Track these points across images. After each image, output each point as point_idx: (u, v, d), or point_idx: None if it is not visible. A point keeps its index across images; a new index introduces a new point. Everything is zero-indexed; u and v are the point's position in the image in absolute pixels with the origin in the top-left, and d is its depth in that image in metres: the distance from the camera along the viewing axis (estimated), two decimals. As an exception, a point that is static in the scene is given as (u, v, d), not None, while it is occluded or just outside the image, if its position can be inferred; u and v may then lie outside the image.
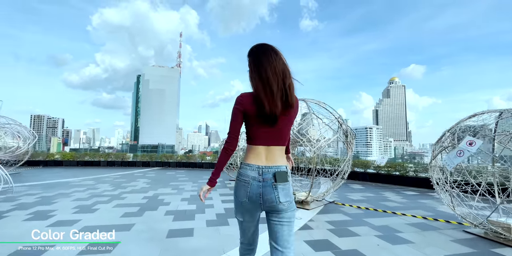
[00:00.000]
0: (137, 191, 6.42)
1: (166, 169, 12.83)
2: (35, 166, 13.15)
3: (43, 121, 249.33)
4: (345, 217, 4.36)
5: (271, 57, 1.35)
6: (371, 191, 7.02)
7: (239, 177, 1.41)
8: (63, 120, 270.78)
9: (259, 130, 1.36)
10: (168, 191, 6.51)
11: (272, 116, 1.30)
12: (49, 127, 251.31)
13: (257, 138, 1.37)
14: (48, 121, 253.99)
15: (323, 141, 4.39)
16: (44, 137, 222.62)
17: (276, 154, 1.39)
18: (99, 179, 8.55)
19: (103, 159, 14.14)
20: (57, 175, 9.75)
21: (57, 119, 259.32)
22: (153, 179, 8.93)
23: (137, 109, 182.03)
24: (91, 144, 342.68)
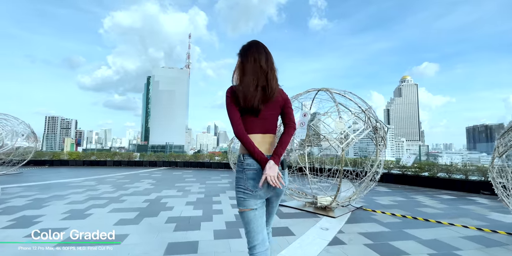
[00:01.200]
0: (139, 193, 5.83)
1: (173, 169, 12.29)
2: (41, 165, 12.87)
3: (57, 122, 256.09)
4: (381, 227, 3.60)
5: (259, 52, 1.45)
6: (400, 195, 6.20)
7: (247, 167, 1.39)
8: (76, 121, 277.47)
9: (248, 120, 1.42)
10: (173, 193, 5.89)
11: (253, 107, 1.37)
12: (63, 128, 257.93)
13: (249, 128, 1.42)
14: (62, 122, 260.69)
15: (352, 136, 3.65)
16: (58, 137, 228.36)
17: (273, 142, 1.48)
18: (101, 180, 8.04)
19: (109, 159, 13.75)
20: (60, 175, 9.33)
21: (71, 120, 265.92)
22: (158, 179, 8.36)
23: (147, 110, 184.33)
24: (103, 144, 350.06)
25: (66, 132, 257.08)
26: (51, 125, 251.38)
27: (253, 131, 1.42)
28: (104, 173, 10.11)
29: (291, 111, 1.56)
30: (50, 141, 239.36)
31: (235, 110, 1.40)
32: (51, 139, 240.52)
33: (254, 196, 1.38)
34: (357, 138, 3.68)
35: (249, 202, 1.39)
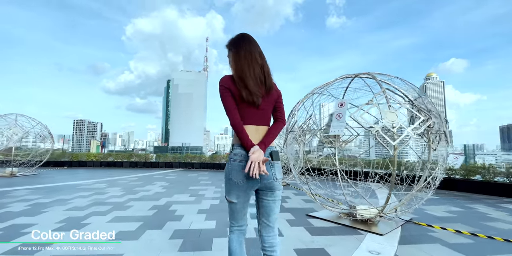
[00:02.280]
0: (147, 198, 5.24)
1: (189, 171, 11.79)
2: (60, 166, 12.88)
3: (84, 125, 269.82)
4: (451, 251, 2.69)
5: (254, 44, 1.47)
6: (452, 203, 5.15)
7: (233, 157, 1.41)
8: (102, 124, 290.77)
9: (245, 110, 1.42)
10: (185, 199, 5.25)
11: (255, 97, 1.39)
12: (89, 130, 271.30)
13: (246, 118, 1.42)
14: (89, 125, 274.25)
15: (409, 130, 2.78)
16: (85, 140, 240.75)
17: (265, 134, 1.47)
18: (113, 182, 7.61)
19: (126, 160, 13.53)
20: (74, 176, 9.06)
21: (96, 123, 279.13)
22: (172, 182, 7.80)
23: (167, 113, 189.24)
24: (126, 146, 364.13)
25: (92, 134, 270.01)
26: (78, 128, 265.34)
27: (249, 122, 1.42)
28: (118, 174, 9.77)
29: (283, 106, 1.58)
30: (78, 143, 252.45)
31: (232, 100, 1.40)
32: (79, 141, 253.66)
33: (237, 186, 1.40)
34: (415, 133, 2.80)
35: (231, 193, 1.43)
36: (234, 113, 1.38)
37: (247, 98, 1.37)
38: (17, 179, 8.14)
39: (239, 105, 1.41)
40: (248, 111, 1.41)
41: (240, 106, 1.41)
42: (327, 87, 4.04)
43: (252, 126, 1.42)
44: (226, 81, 1.42)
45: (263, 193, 1.45)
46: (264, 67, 1.45)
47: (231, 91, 1.39)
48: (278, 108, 1.55)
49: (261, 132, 1.44)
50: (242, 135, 1.36)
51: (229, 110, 1.39)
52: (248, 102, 1.39)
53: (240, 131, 1.36)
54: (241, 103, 1.40)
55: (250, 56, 1.42)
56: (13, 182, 7.33)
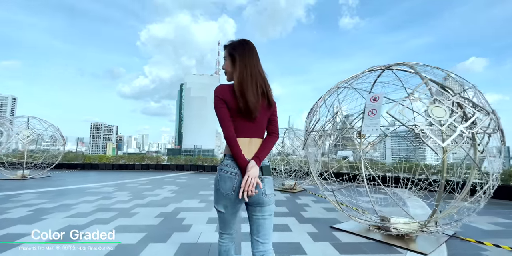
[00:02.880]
0: (155, 204, 4.89)
1: (200, 174, 11.48)
2: (73, 169, 12.90)
3: (101, 128, 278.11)
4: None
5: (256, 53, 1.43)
6: (498, 214, 4.50)
7: (223, 168, 1.37)
8: (117, 127, 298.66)
9: (240, 123, 1.36)
10: (194, 205, 4.87)
11: (253, 110, 1.33)
12: (105, 133, 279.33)
13: (240, 131, 1.37)
14: (105, 128, 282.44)
15: (461, 128, 2.26)
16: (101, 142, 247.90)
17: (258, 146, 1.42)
18: (122, 186, 7.36)
19: (138, 163, 13.41)
20: (84, 179, 8.91)
21: (112, 126, 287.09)
22: (182, 186, 7.46)
23: (180, 116, 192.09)
24: (141, 148, 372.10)
25: (108, 137, 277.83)
26: (95, 131, 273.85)
27: (243, 135, 1.37)
28: (129, 177, 9.56)
29: (277, 118, 1.52)
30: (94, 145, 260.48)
31: (226, 111, 1.34)
32: (95, 143, 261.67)
33: (225, 198, 1.36)
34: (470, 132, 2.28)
35: (219, 203, 1.39)
36: (228, 125, 1.33)
37: (245, 111, 1.32)
38: (28, 181, 8.05)
39: (234, 117, 1.35)
40: (243, 124, 1.37)
41: (234, 118, 1.35)
42: (353, 81, 3.55)
43: (245, 138, 1.38)
44: (221, 91, 1.35)
45: (252, 209, 1.40)
46: (265, 79, 1.41)
47: (226, 102, 1.33)
48: (272, 121, 1.49)
49: (254, 145, 1.40)
50: (235, 150, 1.32)
51: (223, 122, 1.33)
52: (244, 115, 1.34)
53: (233, 145, 1.32)
54: (236, 115, 1.35)
55: (254, 67, 1.37)
56: (23, 185, 7.21)
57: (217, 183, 1.37)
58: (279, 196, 5.88)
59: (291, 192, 6.42)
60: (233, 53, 1.39)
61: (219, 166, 1.40)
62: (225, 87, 1.36)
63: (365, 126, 2.65)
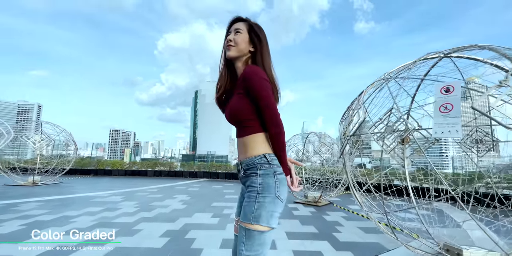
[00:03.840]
0: (162, 218, 4.30)
1: (214, 181, 10.90)
2: (86, 175, 12.71)
3: (119, 135, 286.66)
4: None
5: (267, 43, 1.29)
6: None
7: (279, 170, 1.09)
8: (135, 133, 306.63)
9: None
10: (206, 220, 4.24)
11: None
12: (123, 139, 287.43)
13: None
14: (123, 135, 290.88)
15: None
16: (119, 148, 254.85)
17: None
18: (130, 194, 6.87)
19: (150, 169, 13.04)
20: (94, 186, 8.55)
21: (130, 132, 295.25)
22: (194, 195, 6.87)
23: (195, 122, 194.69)
24: (157, 154, 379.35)
25: (126, 143, 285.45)
26: (113, 137, 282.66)
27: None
28: (140, 184, 9.12)
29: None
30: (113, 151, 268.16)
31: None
32: (113, 149, 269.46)
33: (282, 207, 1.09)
34: None
35: (276, 217, 1.06)
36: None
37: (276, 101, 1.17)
38: (37, 188, 7.76)
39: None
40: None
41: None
42: (402, 72, 2.84)
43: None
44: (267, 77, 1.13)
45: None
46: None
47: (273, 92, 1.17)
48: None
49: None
50: (283, 146, 1.10)
51: (277, 112, 1.09)
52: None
53: (284, 140, 1.10)
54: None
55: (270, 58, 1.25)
56: (30, 193, 6.88)
57: (277, 189, 1.05)
58: (303, 211, 5.14)
59: (316, 205, 5.65)
60: (260, 35, 1.21)
61: (271, 168, 1.07)
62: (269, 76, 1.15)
63: (436, 127, 1.93)
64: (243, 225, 1.03)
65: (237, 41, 1.17)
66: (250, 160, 1.09)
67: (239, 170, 1.16)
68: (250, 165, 1.09)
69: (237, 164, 1.17)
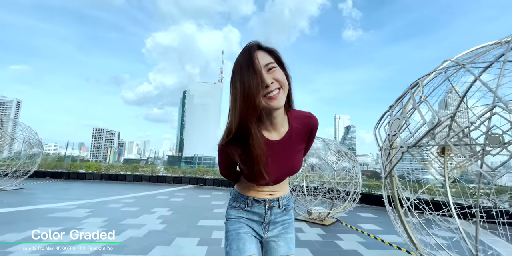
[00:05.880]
0: (129, 249, 3.26)
1: (201, 189, 9.85)
2: (57, 179, 11.33)
3: (103, 134, 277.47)
4: None
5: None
6: None
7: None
8: (119, 133, 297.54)
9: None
10: (191, 250, 3.25)
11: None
12: (107, 139, 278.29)
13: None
14: (107, 134, 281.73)
15: None
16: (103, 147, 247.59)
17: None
18: (100, 206, 5.75)
19: (129, 173, 11.81)
20: (58, 194, 7.31)
21: (114, 131, 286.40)
22: (177, 208, 5.84)
23: (182, 123, 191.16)
24: (141, 155, 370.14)
25: (110, 142, 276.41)
26: (97, 136, 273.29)
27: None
28: (115, 192, 7.95)
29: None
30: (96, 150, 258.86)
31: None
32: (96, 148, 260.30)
33: None
34: None
35: None
36: None
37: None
38: (-13, 197, 6.48)
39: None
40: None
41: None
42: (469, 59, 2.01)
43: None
44: None
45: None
46: None
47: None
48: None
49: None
50: None
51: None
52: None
53: None
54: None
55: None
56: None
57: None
58: (309, 233, 4.23)
59: (322, 224, 4.77)
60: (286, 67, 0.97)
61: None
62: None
63: None
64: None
65: (283, 81, 0.88)
66: (289, 195, 1.15)
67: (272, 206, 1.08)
68: (290, 200, 1.14)
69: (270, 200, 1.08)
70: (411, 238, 2.04)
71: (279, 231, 1.08)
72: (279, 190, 1.09)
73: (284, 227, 1.09)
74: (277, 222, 1.08)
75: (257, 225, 1.07)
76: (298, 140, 1.00)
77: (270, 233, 1.07)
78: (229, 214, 1.10)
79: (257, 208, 1.06)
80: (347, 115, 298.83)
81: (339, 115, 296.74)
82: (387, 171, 2.07)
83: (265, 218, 1.07)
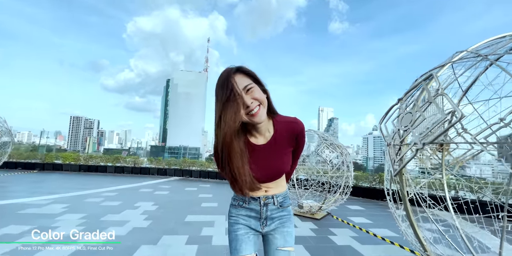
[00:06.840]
0: (113, 249, 3.02)
1: (187, 181, 9.59)
2: (30, 170, 10.62)
3: (81, 122, 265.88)
4: None
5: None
6: None
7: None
8: (99, 122, 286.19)
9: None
10: (179, 249, 3.05)
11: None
12: (86, 127, 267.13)
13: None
14: (85, 122, 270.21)
15: None
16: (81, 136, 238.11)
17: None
18: (78, 201, 5.38)
19: (110, 164, 11.27)
20: (31, 188, 6.78)
21: (93, 120, 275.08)
22: (162, 203, 5.58)
23: (165, 112, 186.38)
24: (123, 144, 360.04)
25: (89, 131, 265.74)
26: (75, 125, 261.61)
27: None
28: (95, 185, 7.51)
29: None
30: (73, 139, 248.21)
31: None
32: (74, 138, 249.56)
33: None
34: None
35: None
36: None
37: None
38: None
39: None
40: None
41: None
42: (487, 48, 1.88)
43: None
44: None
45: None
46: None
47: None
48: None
49: None
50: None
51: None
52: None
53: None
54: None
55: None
56: None
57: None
58: (302, 228, 4.15)
59: (313, 218, 4.71)
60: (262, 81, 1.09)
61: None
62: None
63: None
64: (288, 249, 1.15)
65: (261, 98, 1.02)
66: (286, 192, 1.23)
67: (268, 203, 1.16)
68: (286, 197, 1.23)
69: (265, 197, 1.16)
70: (419, 239, 1.94)
71: (276, 226, 1.17)
72: (274, 187, 1.17)
73: (281, 222, 1.18)
74: (274, 217, 1.18)
75: (255, 221, 1.17)
76: (283, 143, 1.11)
77: (268, 228, 1.17)
78: (230, 213, 1.21)
79: (253, 205, 1.16)
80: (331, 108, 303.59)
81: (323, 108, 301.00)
82: (397, 169, 1.93)
83: (261, 214, 1.16)
